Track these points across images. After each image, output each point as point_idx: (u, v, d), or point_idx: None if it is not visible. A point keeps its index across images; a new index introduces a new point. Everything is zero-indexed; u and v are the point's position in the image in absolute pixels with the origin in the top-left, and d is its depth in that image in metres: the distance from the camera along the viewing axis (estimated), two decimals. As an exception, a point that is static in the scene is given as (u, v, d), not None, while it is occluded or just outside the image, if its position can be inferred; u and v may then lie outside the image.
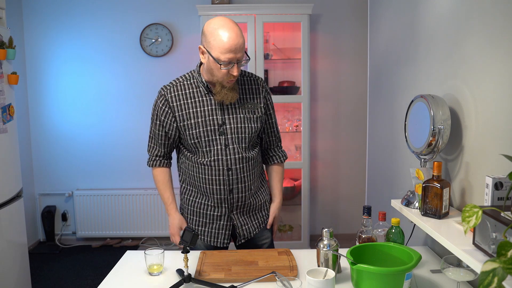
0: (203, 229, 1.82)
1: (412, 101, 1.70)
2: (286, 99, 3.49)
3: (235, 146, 1.70)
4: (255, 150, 1.79)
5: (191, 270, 1.52)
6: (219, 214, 1.78)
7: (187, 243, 1.41)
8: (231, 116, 1.69)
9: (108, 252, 3.71)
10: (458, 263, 1.26)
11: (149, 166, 1.83)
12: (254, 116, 1.73)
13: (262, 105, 1.76)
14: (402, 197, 1.72)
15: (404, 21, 2.21)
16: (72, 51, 3.74)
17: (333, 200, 3.93)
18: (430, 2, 1.87)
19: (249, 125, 1.72)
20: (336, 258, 1.44)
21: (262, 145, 1.88)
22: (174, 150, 1.84)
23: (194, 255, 1.68)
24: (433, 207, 1.45)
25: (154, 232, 3.84)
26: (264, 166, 1.94)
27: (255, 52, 3.37)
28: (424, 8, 1.93)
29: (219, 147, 1.69)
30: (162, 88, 1.73)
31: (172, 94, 1.70)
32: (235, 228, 1.80)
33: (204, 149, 1.70)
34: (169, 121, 1.71)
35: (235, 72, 1.57)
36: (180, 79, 1.74)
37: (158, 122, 1.74)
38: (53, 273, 3.30)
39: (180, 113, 1.69)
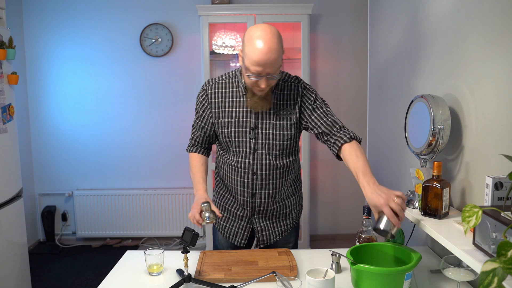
0: (224, 224, 1.84)
1: (412, 101, 1.70)
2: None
3: (263, 151, 1.68)
4: (290, 159, 1.73)
5: (191, 270, 1.52)
6: (241, 214, 1.79)
7: (187, 243, 1.41)
8: (264, 121, 1.67)
9: (108, 252, 3.70)
10: (458, 263, 1.26)
11: (187, 152, 1.83)
12: (288, 123, 1.67)
13: (297, 110, 1.67)
14: (402, 197, 1.71)
15: (404, 21, 2.21)
16: (72, 51, 3.74)
17: (333, 200, 3.93)
18: (430, 2, 1.87)
19: (281, 132, 1.68)
20: None
21: (325, 136, 1.63)
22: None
23: (194, 255, 1.68)
24: (433, 207, 1.45)
25: (154, 232, 3.84)
26: (300, 172, 1.83)
27: (255, 52, 3.36)
28: (424, 8, 1.93)
29: (247, 150, 1.68)
30: (205, 83, 1.75)
31: (213, 91, 1.71)
32: (255, 232, 1.80)
33: (234, 149, 1.70)
34: (206, 116, 1.72)
35: (262, 85, 1.53)
36: (224, 77, 1.74)
37: (197, 115, 1.76)
38: (53, 273, 3.30)
39: (216, 110, 1.70)
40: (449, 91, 1.65)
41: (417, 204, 1.59)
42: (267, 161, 1.69)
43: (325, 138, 1.63)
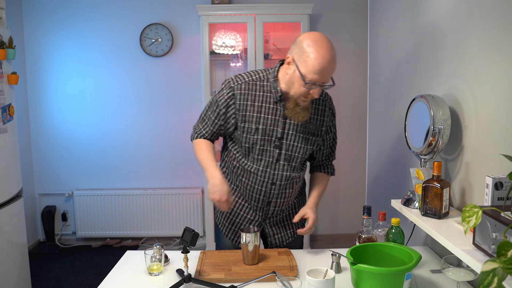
0: (231, 226, 1.79)
1: (412, 101, 1.70)
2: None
3: (285, 163, 1.64)
4: (303, 168, 1.74)
5: (191, 270, 1.51)
6: (252, 218, 1.74)
7: (187, 243, 1.41)
8: (291, 132, 1.61)
9: (108, 252, 3.70)
10: (458, 263, 1.26)
11: (191, 139, 1.73)
12: (313, 138, 1.65)
13: (324, 128, 1.67)
14: (402, 197, 1.72)
15: (404, 21, 2.21)
16: (72, 51, 3.74)
17: (333, 200, 3.93)
18: (430, 2, 1.87)
19: (305, 146, 1.64)
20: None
21: (314, 160, 1.79)
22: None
23: (194, 255, 1.67)
24: (433, 207, 1.45)
25: (154, 232, 3.83)
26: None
27: (255, 52, 3.37)
28: (424, 8, 1.93)
29: (270, 159, 1.63)
30: (231, 80, 1.62)
31: (242, 91, 1.59)
32: (267, 237, 1.78)
33: (256, 156, 1.63)
34: (229, 115, 1.61)
35: (316, 95, 1.49)
36: (254, 77, 1.62)
37: (218, 111, 1.62)
38: (53, 273, 3.30)
39: (243, 113, 1.59)
40: (449, 91, 1.65)
41: (417, 204, 1.59)
42: (287, 172, 1.65)
43: (314, 162, 1.80)
